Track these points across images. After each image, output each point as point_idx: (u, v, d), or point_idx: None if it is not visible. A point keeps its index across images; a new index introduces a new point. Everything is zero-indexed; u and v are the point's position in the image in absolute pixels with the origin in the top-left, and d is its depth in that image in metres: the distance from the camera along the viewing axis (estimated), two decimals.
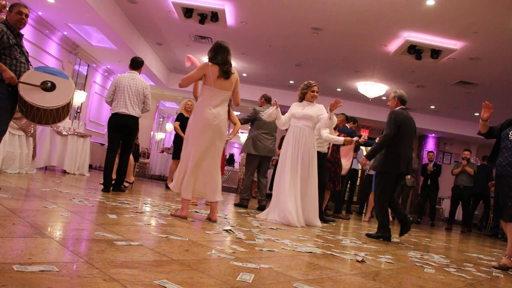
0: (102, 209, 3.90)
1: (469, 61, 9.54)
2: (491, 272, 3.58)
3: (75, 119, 11.09)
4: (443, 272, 3.15)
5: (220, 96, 4.09)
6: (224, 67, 4.05)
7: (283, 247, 3.13)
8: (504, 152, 3.91)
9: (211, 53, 4.12)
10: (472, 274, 3.25)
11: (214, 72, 4.02)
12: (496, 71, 9.79)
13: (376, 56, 10.19)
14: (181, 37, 10.95)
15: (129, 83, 5.85)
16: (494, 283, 3.10)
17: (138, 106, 5.91)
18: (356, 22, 8.42)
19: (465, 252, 5.05)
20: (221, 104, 4.13)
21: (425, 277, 2.82)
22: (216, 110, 4.06)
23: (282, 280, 2.07)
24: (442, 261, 3.76)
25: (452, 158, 16.58)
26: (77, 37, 10.80)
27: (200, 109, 4.07)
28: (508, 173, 3.80)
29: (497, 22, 7.54)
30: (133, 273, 1.77)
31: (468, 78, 10.80)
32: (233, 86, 4.17)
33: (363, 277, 2.46)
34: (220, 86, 4.06)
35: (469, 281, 2.94)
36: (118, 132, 5.87)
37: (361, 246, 3.96)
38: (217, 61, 4.05)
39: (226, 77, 4.06)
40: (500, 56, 9.00)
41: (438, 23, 7.99)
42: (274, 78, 13.73)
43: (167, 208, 4.73)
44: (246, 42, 10.48)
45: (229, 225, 3.97)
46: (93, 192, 5.30)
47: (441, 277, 2.91)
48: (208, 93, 4.08)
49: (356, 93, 13.21)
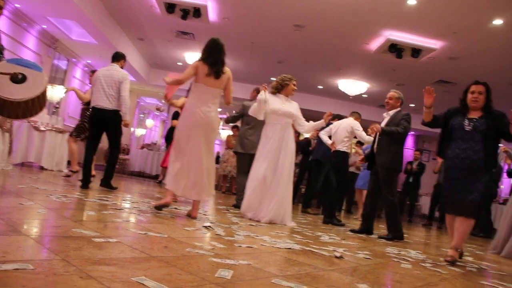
0: (80, 206, 3.86)
1: (448, 61, 9.69)
2: (465, 266, 3.65)
3: (53, 115, 10.93)
4: (419, 267, 3.20)
5: (209, 93, 4.13)
6: (214, 68, 4.09)
7: (262, 243, 3.14)
8: (461, 143, 3.73)
9: (204, 53, 4.16)
10: (447, 269, 3.31)
11: (203, 70, 4.07)
12: (475, 71, 9.95)
13: (357, 54, 10.27)
14: (163, 33, 10.86)
15: (104, 74, 5.77)
16: (467, 277, 3.17)
17: (115, 98, 5.75)
18: (339, 20, 8.47)
19: (441, 248, 5.14)
20: (212, 101, 4.15)
21: (402, 272, 2.86)
22: (206, 107, 4.09)
23: (260, 276, 2.08)
24: (419, 256, 3.82)
25: (431, 156, 16.83)
26: (56, 31, 10.61)
27: (190, 106, 4.12)
28: (458, 166, 3.72)
29: (476, 23, 7.68)
30: (111, 270, 1.76)
31: (447, 77, 10.98)
32: (224, 84, 4.20)
33: (341, 273, 2.49)
34: (209, 83, 4.10)
35: (444, 275, 3.00)
36: (95, 126, 5.79)
37: (340, 242, 4.00)
38: (208, 61, 4.09)
39: (216, 77, 4.10)
40: (478, 56, 9.17)
41: (419, 22, 8.09)
42: (256, 75, 13.72)
43: (147, 204, 4.70)
44: (229, 39, 10.34)
45: (208, 221, 3.96)
46: (71, 189, 5.24)
47: (417, 272, 2.96)
48: (198, 90, 4.13)
49: (337, 90, 13.31)
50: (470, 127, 3.71)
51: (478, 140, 3.67)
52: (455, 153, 3.77)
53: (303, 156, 9.88)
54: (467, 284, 2.89)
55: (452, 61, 9.69)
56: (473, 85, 3.84)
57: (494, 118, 3.70)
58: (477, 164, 3.64)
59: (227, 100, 4.32)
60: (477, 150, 3.65)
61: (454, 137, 3.82)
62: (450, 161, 3.82)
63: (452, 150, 3.81)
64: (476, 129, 3.67)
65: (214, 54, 4.13)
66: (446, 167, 3.88)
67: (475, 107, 3.79)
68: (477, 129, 3.67)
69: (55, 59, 11.67)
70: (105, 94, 5.69)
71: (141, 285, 1.62)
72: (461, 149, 3.71)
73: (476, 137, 3.68)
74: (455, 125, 3.82)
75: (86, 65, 13.70)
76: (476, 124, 3.69)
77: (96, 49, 11.69)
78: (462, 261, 3.96)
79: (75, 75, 13.30)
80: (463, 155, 3.69)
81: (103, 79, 5.74)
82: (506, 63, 9.28)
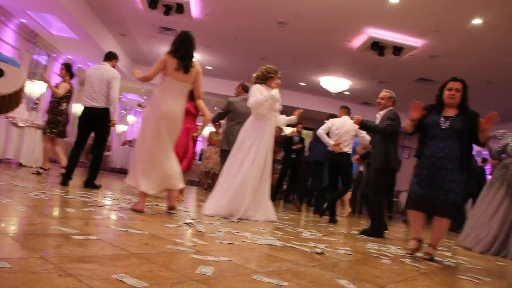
0: (59, 203, 3.82)
1: (429, 59, 9.81)
2: (443, 261, 3.71)
3: (33, 110, 10.75)
4: (399, 262, 3.25)
5: (178, 88, 4.04)
6: (183, 62, 3.97)
7: (243, 240, 3.15)
8: (438, 142, 3.65)
9: (174, 46, 4.03)
10: (426, 264, 3.36)
11: (172, 64, 3.96)
12: (455, 69, 10.05)
13: (340, 51, 10.33)
14: (145, 28, 10.76)
15: (94, 73, 5.74)
16: (445, 272, 3.23)
17: (104, 96, 5.70)
18: (322, 17, 8.50)
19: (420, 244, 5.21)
20: (179, 95, 4.07)
21: (382, 268, 2.90)
22: (172, 101, 4.00)
23: (241, 273, 2.09)
24: (399, 252, 3.87)
25: (411, 153, 17.00)
26: (36, 25, 10.42)
27: (157, 99, 4.03)
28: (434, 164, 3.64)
29: (457, 22, 7.79)
30: (90, 268, 1.74)
31: (428, 75, 11.12)
32: (193, 78, 4.11)
33: (322, 269, 2.51)
34: (178, 78, 4.00)
35: (423, 270, 3.05)
36: (85, 125, 5.71)
37: (321, 238, 4.02)
38: (177, 55, 3.97)
39: (185, 71, 4.00)
40: (459, 54, 9.30)
41: (401, 20, 8.17)
42: (239, 71, 13.69)
43: (127, 201, 4.67)
44: (212, 35, 10.40)
45: (189, 218, 3.95)
46: (50, 186, 5.17)
47: (396, 267, 3.00)
48: (166, 84, 4.03)
49: (319, 87, 13.36)
50: (446, 125, 3.64)
51: (454, 138, 3.62)
52: (431, 151, 3.67)
53: (286, 153, 9.91)
54: (445, 279, 2.94)
55: (433, 59, 9.81)
56: (451, 82, 3.75)
57: (470, 117, 3.65)
58: (454, 163, 3.60)
59: (197, 94, 4.28)
60: (454, 149, 3.60)
61: (430, 134, 3.73)
62: (426, 159, 3.70)
63: (428, 148, 3.72)
64: (453, 127, 3.61)
65: (184, 48, 4.01)
66: (421, 164, 3.75)
67: (451, 104, 3.70)
68: (453, 128, 3.61)
69: (34, 54, 11.47)
70: (94, 92, 5.65)
71: (121, 282, 1.61)
72: (439, 147, 3.64)
73: (453, 136, 3.62)
74: (430, 123, 3.73)
75: (66, 60, 13.49)
76: (452, 123, 3.63)
77: (77, 44, 11.52)
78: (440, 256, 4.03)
79: (56, 71, 13.09)
80: (441, 153, 3.61)
81: (93, 77, 5.69)
82: (485, 62, 9.44)
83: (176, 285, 1.69)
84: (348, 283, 2.19)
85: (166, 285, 1.67)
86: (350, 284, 2.17)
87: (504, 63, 9.34)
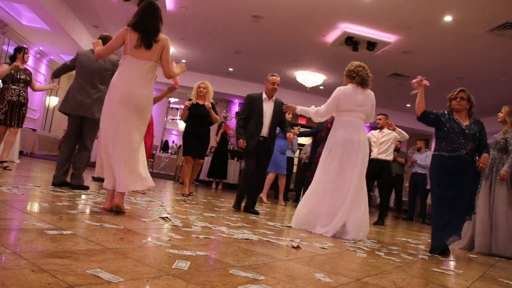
0: (32, 197, 3.74)
1: (402, 54, 9.97)
2: (417, 254, 3.79)
3: None
4: (374, 256, 3.30)
5: (139, 67, 3.44)
6: (146, 36, 3.42)
7: (220, 234, 3.15)
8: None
9: (134, 18, 3.47)
10: (401, 257, 3.43)
11: (132, 39, 3.42)
12: (427, 65, 10.28)
13: (314, 46, 10.39)
14: (118, 20, 10.56)
15: None
16: (419, 264, 3.30)
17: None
18: (296, 11, 8.53)
19: (395, 237, 5.31)
20: (143, 76, 3.46)
21: (357, 261, 2.94)
22: (134, 82, 3.42)
23: (218, 267, 2.09)
24: (374, 245, 3.93)
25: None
26: (5, 15, 10.14)
27: (116, 81, 3.46)
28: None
29: (428, 18, 7.94)
30: (65, 263, 1.71)
31: (401, 71, 11.31)
32: (158, 55, 3.50)
33: (298, 263, 2.53)
34: (139, 55, 3.43)
35: (398, 263, 3.10)
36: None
37: (297, 233, 4.05)
38: (138, 28, 3.42)
39: (147, 46, 3.43)
40: (430, 50, 9.48)
41: (374, 16, 8.27)
42: (214, 65, 13.65)
43: (102, 195, 4.60)
44: (186, 28, 10.31)
45: (166, 212, 3.93)
46: (23, 180, 5.06)
47: (372, 261, 3.05)
48: (126, 63, 3.46)
49: (294, 82, 13.42)
50: None
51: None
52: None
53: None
54: (419, 272, 3.00)
55: (406, 55, 9.98)
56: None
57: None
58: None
59: (166, 73, 3.62)
60: None
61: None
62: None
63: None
64: None
65: (146, 19, 3.43)
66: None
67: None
68: None
69: (4, 45, 11.16)
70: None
71: (96, 277, 1.59)
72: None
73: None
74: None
75: (38, 51, 13.19)
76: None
77: (49, 35, 11.28)
78: (415, 249, 4.11)
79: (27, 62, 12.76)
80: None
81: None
82: (455, 58, 9.66)
83: (152, 280, 1.68)
84: (324, 277, 2.21)
85: (142, 280, 1.66)
86: (326, 278, 2.19)
87: (474, 59, 9.57)
